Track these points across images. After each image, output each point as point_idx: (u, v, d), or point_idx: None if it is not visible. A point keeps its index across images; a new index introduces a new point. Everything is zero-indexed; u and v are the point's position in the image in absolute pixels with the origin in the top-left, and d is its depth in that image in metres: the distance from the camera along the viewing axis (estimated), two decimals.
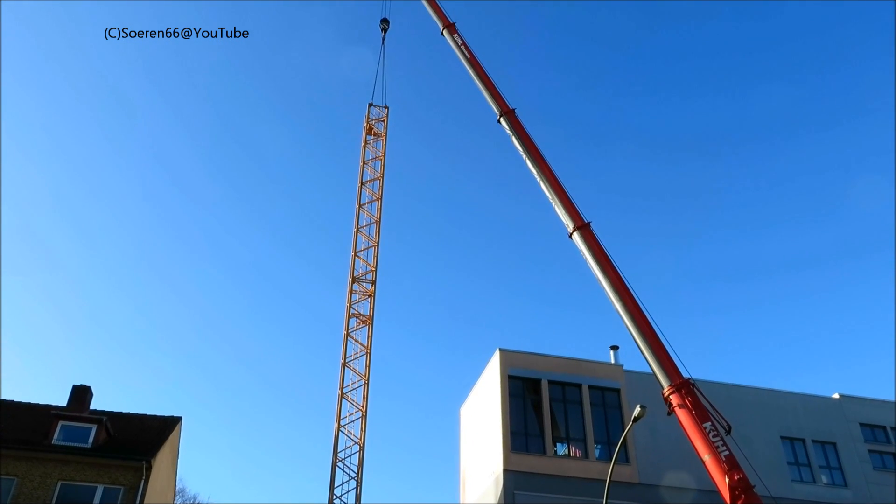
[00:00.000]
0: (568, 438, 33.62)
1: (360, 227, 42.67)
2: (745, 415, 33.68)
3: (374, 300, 41.11)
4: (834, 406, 37.45)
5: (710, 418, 23.50)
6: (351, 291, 40.82)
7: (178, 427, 34.64)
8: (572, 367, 34.96)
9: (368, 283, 41.38)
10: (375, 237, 42.55)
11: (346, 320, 40.04)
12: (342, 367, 38.89)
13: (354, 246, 42.01)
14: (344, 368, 38.82)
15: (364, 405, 38.12)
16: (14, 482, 26.85)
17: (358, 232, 42.46)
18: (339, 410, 37.72)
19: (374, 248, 42.29)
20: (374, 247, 42.32)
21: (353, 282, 41.09)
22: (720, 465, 22.37)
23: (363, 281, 41.37)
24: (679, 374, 24.48)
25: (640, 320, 25.34)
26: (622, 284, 26.06)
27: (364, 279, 41.43)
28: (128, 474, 27.90)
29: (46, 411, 30.66)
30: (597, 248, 26.82)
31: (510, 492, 30.86)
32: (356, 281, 41.17)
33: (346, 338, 39.67)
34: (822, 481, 35.02)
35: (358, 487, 36.53)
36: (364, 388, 38.62)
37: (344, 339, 39.64)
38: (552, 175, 27.17)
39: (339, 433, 37.21)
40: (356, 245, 42.09)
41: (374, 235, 42.61)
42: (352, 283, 41.03)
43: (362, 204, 43.10)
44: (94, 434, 29.14)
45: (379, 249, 42.26)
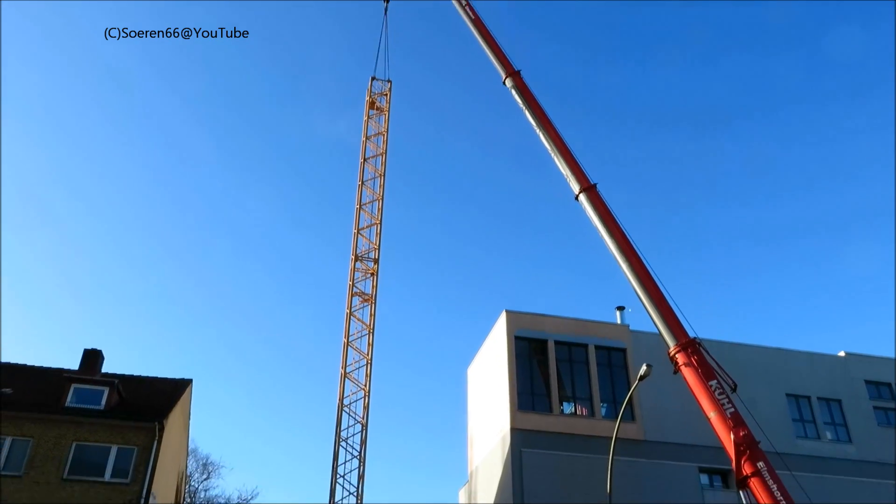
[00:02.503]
0: (574, 398, 33.95)
1: (363, 204, 42.04)
2: (751, 373, 33.89)
3: (377, 278, 40.57)
4: (839, 364, 37.64)
5: (715, 377, 23.67)
6: (353, 269, 40.39)
7: (189, 389, 35.10)
8: (578, 327, 35.14)
9: (371, 261, 41.03)
10: (378, 215, 41.97)
11: (349, 299, 39.84)
12: (344, 347, 38.97)
13: (357, 223, 41.47)
14: (346, 348, 38.96)
15: (367, 384, 38.27)
16: (30, 443, 27.37)
17: (360, 209, 41.84)
18: (341, 389, 37.93)
19: (376, 226, 41.74)
20: (376, 224, 41.79)
21: (355, 260, 40.67)
22: (725, 423, 22.60)
23: (366, 259, 41.05)
24: (685, 333, 24.61)
25: (646, 281, 25.40)
26: (628, 245, 26.06)
27: (366, 257, 41.08)
28: (141, 435, 28.37)
29: (59, 375, 31.07)
30: (603, 210, 26.76)
31: (517, 450, 31.30)
32: (359, 259, 40.82)
33: (348, 317, 39.60)
34: (827, 437, 35.37)
35: (363, 431, 36.96)
36: (367, 366, 38.72)
37: (346, 318, 39.55)
38: (558, 136, 26.98)
39: (341, 413, 37.40)
40: (358, 222, 41.51)
41: (377, 213, 42.04)
42: (354, 262, 40.59)
43: (364, 181, 42.54)
44: (106, 396, 29.57)
45: (382, 227, 41.76)
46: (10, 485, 26.42)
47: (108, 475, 27.53)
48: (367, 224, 41.78)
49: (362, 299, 40.06)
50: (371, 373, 38.48)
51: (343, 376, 38.14)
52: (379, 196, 42.31)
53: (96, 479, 27.30)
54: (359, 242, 41.31)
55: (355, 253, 40.90)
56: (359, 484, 36.27)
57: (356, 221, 41.56)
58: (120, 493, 27.17)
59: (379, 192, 42.40)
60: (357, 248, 41.13)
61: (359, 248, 41.19)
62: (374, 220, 41.91)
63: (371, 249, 41.27)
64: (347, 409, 37.58)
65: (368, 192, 42.23)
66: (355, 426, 37.33)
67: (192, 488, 50.26)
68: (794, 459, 30.46)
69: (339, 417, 37.25)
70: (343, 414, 37.36)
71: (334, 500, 35.60)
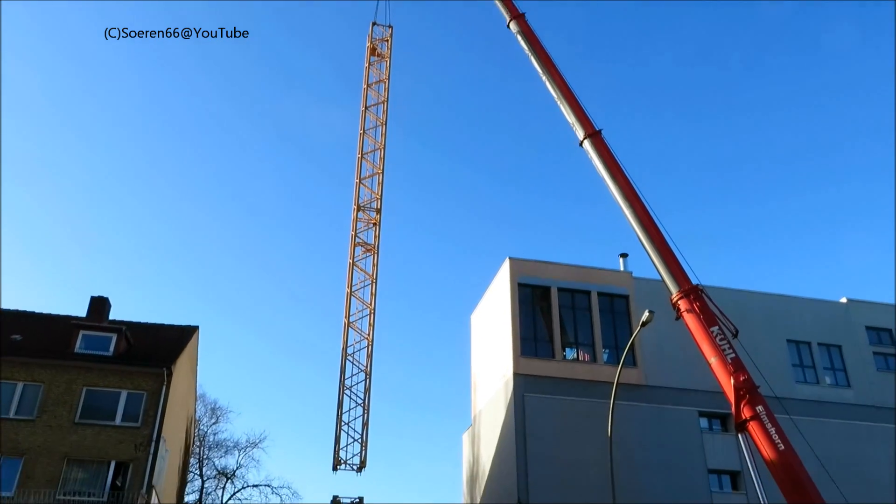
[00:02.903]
0: (576, 343, 34.30)
1: (365, 153, 41.45)
2: (753, 319, 34.12)
3: (380, 229, 40.27)
4: (841, 310, 37.86)
5: (717, 323, 23.84)
6: (356, 220, 40.08)
7: (196, 336, 35.50)
8: (581, 274, 35.28)
9: (373, 211, 40.70)
10: (380, 164, 41.35)
11: (351, 249, 39.74)
12: (347, 297, 39.10)
13: (358, 173, 40.93)
14: (349, 298, 39.10)
15: (370, 333, 38.53)
16: (41, 388, 27.85)
17: (362, 158, 41.26)
18: (344, 338, 38.22)
19: (378, 176, 41.19)
20: (378, 174, 41.22)
21: (357, 210, 40.32)
22: (726, 368, 22.86)
23: (368, 209, 40.71)
24: (688, 280, 24.70)
25: (650, 227, 25.37)
26: (632, 191, 25.95)
27: (369, 207, 40.75)
28: (149, 380, 28.83)
29: (66, 322, 31.41)
30: (607, 156, 26.57)
31: (520, 394, 31.77)
32: (361, 209, 40.50)
33: (350, 267, 39.58)
34: (826, 382, 35.81)
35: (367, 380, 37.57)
36: (370, 316, 38.94)
37: (349, 269, 39.51)
38: (563, 82, 26.61)
39: (345, 363, 37.77)
40: (360, 172, 40.96)
41: (379, 162, 41.42)
42: (356, 212, 40.25)
43: (366, 130, 41.83)
44: (114, 343, 29.96)
45: (384, 177, 41.30)
46: (23, 428, 26.99)
47: (118, 419, 28.09)
48: (368, 174, 41.28)
49: (364, 249, 40.01)
50: (374, 322, 38.80)
51: (346, 326, 38.44)
52: (381, 145, 41.63)
53: (107, 422, 27.87)
54: (361, 192, 40.92)
55: (357, 203, 40.52)
56: (363, 431, 36.94)
57: (358, 171, 41.01)
58: (131, 436, 27.76)
59: (381, 140, 41.70)
60: (359, 198, 40.78)
61: (361, 198, 40.76)
62: (376, 169, 41.40)
63: (373, 199, 40.92)
64: (351, 358, 38.00)
65: (370, 142, 41.61)
66: (359, 374, 37.82)
67: (201, 432, 51.26)
68: (792, 404, 30.89)
69: (343, 366, 37.74)
70: (347, 363, 37.83)
71: (339, 447, 36.33)
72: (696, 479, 31.45)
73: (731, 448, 30.97)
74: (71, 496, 26.27)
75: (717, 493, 31.71)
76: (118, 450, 27.44)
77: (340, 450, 36.30)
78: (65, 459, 26.86)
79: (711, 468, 32.16)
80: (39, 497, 25.76)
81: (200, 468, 52.68)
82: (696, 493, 31.08)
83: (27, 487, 25.89)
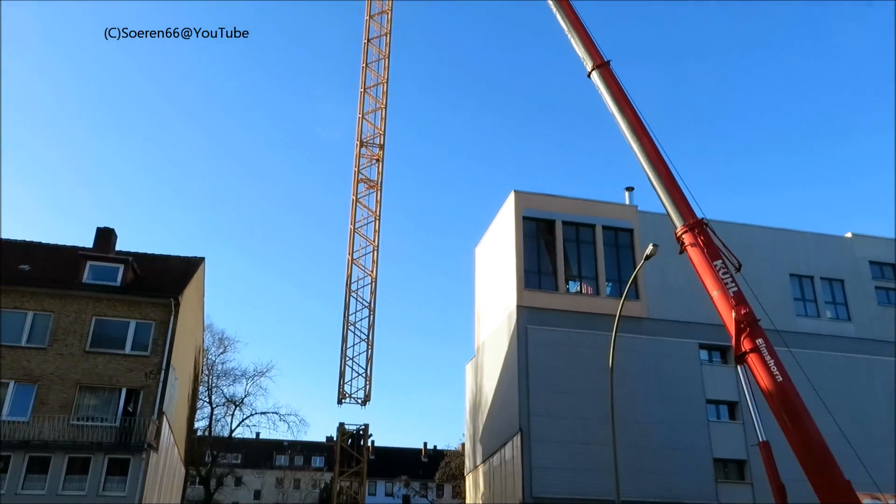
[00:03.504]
0: (580, 277, 34.49)
1: (367, 87, 40.64)
2: (756, 254, 34.18)
3: (383, 165, 39.95)
4: (845, 245, 37.84)
5: (720, 256, 23.91)
6: (358, 156, 39.70)
7: (202, 267, 35.78)
8: (586, 208, 35.19)
9: (376, 146, 40.23)
10: (383, 99, 40.64)
11: (354, 185, 39.45)
12: (351, 234, 39.03)
13: (361, 107, 40.30)
14: (353, 235, 39.04)
15: (373, 269, 38.69)
16: (51, 317, 28.28)
17: (365, 93, 40.50)
18: (348, 274, 38.41)
19: (381, 111, 40.54)
20: (381, 109, 40.55)
21: (360, 146, 39.89)
22: (728, 301, 23.04)
23: (371, 145, 40.20)
24: (693, 213, 24.66)
25: (656, 160, 25.21)
26: (639, 124, 25.69)
27: (371, 143, 40.26)
28: (157, 310, 29.22)
29: (73, 252, 31.61)
30: (615, 87, 26.20)
31: (523, 326, 32.15)
32: (363, 145, 40.02)
33: (353, 203, 39.35)
34: (827, 316, 36.10)
35: (371, 315, 38.11)
36: (373, 253, 39.01)
37: (352, 205, 39.38)
38: (572, 11, 26.00)
39: (348, 299, 38.03)
40: (363, 107, 40.32)
41: (382, 97, 40.67)
42: (359, 147, 39.77)
43: (368, 63, 40.95)
44: (121, 273, 30.22)
45: (387, 112, 40.66)
46: (36, 356, 27.53)
47: (128, 348, 28.61)
48: (371, 108, 40.66)
49: (368, 186, 39.77)
50: (378, 259, 38.99)
51: (350, 262, 38.63)
52: (384, 79, 40.84)
53: (117, 351, 28.40)
54: (363, 127, 40.39)
55: (360, 138, 40.06)
56: (367, 366, 37.62)
57: (360, 105, 40.38)
58: (141, 364, 28.33)
59: (383, 74, 40.91)
60: (362, 134, 40.27)
61: (363, 134, 40.28)
62: (378, 104, 40.72)
63: (376, 135, 40.43)
64: (355, 295, 38.36)
65: (373, 75, 40.83)
66: (363, 311, 38.26)
67: (209, 361, 52.27)
68: (793, 337, 31.25)
69: (347, 302, 38.11)
70: (351, 299, 38.19)
71: (344, 381, 37.04)
72: (695, 409, 32.10)
73: (730, 379, 31.49)
74: (84, 421, 27.00)
75: (715, 423, 32.41)
76: (129, 377, 28.05)
77: (345, 384, 37.06)
78: (77, 386, 27.50)
79: (710, 399, 32.77)
80: (54, 422, 26.48)
81: (209, 396, 53.99)
82: (694, 422, 31.78)
83: (42, 413, 26.60)
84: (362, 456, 36.68)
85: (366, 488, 37.93)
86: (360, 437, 37.19)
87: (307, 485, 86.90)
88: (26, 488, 25.76)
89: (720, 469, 31.81)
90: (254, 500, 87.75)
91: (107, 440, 26.72)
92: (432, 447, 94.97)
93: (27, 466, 26.03)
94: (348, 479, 37.38)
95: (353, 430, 37.03)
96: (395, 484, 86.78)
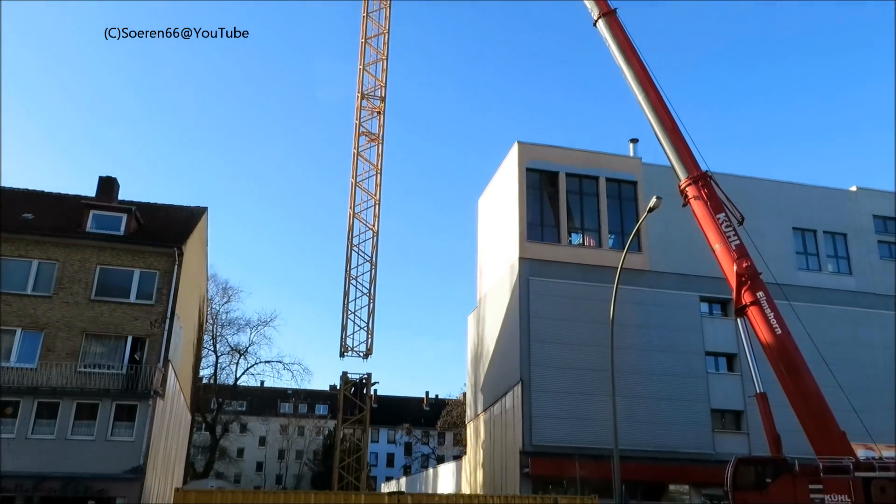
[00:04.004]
0: (583, 229, 34.50)
1: (368, 38, 39.83)
2: (760, 207, 34.09)
3: (384, 118, 39.38)
4: (850, 198, 37.69)
5: (724, 210, 23.93)
6: (359, 108, 39.09)
7: (205, 217, 35.78)
8: (590, 159, 34.99)
9: (377, 99, 39.63)
10: (384, 49, 39.83)
11: (355, 139, 39.00)
12: (352, 187, 38.80)
13: (362, 59, 39.53)
14: (354, 188, 38.81)
15: (375, 224, 38.57)
16: (56, 266, 28.41)
17: (366, 43, 39.70)
18: (350, 228, 38.33)
19: (383, 62, 39.78)
20: (383, 60, 39.78)
21: (361, 98, 39.29)
22: (730, 254, 23.15)
23: (372, 97, 39.61)
24: (697, 166, 24.59)
25: (662, 112, 25.04)
26: (645, 74, 25.45)
27: (373, 95, 39.70)
28: (161, 260, 29.33)
29: (76, 201, 31.56)
30: (621, 36, 25.89)
31: (525, 278, 32.30)
32: (364, 97, 39.42)
33: (355, 157, 38.98)
34: (828, 270, 36.18)
35: (373, 270, 38.25)
36: (375, 207, 38.83)
37: (353, 159, 39.01)
38: None
39: (350, 253, 38.02)
40: (364, 58, 39.56)
41: (383, 47, 39.86)
42: (360, 100, 39.19)
43: (370, 12, 40.14)
44: (124, 223, 30.24)
45: (388, 63, 39.94)
46: (41, 304, 27.77)
47: (133, 297, 28.80)
48: (372, 59, 39.94)
49: (369, 139, 39.38)
50: (379, 213, 38.86)
51: (351, 216, 38.55)
52: (385, 29, 40.03)
53: (122, 300, 28.60)
54: (364, 79, 39.79)
55: (361, 91, 39.52)
56: (368, 320, 37.88)
57: (361, 56, 39.64)
58: (146, 313, 28.56)
59: (385, 24, 40.08)
60: (363, 86, 39.68)
61: (364, 86, 39.72)
62: (380, 55, 40.00)
63: (377, 87, 39.81)
64: (357, 249, 38.37)
65: (374, 25, 40.02)
66: (365, 265, 38.35)
67: (213, 311, 52.78)
68: (794, 290, 31.43)
69: (349, 256, 38.18)
70: (353, 253, 38.24)
71: (346, 335, 37.38)
72: (694, 361, 32.44)
73: (730, 332, 31.75)
74: (91, 369, 27.36)
75: (713, 375, 32.79)
76: (134, 326, 28.32)
77: (347, 337, 37.41)
78: (83, 334, 27.79)
79: (709, 351, 33.09)
80: (62, 369, 26.86)
81: (214, 345, 54.68)
82: (693, 374, 32.15)
83: (49, 360, 26.95)
84: (365, 404, 37.27)
85: (368, 435, 38.65)
86: (364, 386, 37.75)
87: (311, 432, 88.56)
88: (36, 433, 26.26)
89: (717, 419, 32.31)
90: (259, 446, 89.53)
91: (114, 387, 27.12)
92: (434, 396, 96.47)
93: (36, 412, 26.50)
94: (351, 427, 38.06)
95: (356, 378, 37.57)
96: (397, 432, 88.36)
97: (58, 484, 25.32)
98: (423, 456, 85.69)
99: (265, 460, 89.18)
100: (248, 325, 57.61)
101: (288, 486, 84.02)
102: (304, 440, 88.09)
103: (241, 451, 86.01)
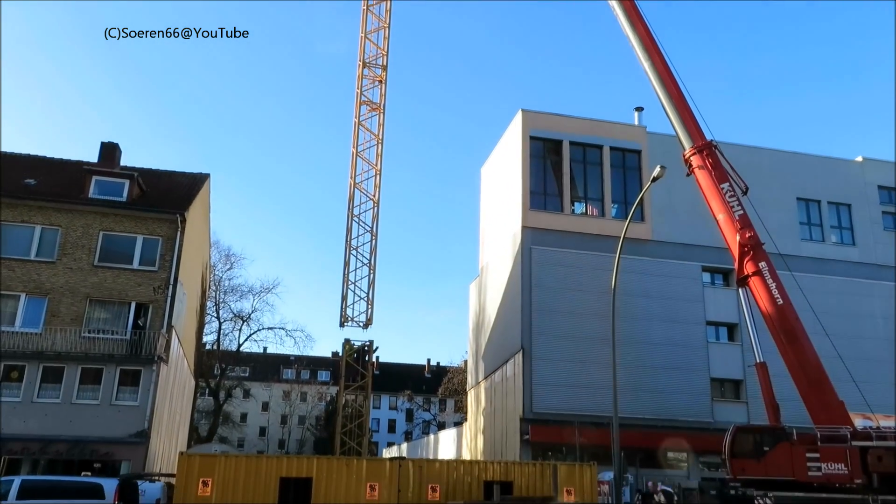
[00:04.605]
0: (586, 198, 34.40)
1: (370, 5, 39.25)
2: (764, 177, 33.92)
3: (386, 87, 38.96)
4: (855, 169, 37.48)
5: (728, 179, 23.83)
6: (360, 77, 38.70)
7: (207, 183, 35.70)
8: (594, 128, 34.76)
9: (379, 67, 39.17)
10: (386, 17, 39.28)
11: (356, 108, 38.61)
12: (353, 157, 38.56)
13: (363, 26, 38.98)
14: (355, 158, 38.59)
15: (376, 194, 38.41)
16: (58, 232, 28.45)
17: (368, 10, 39.13)
18: (350, 198, 38.17)
19: (384, 30, 39.26)
20: (384, 28, 39.26)
21: (362, 66, 38.85)
22: (733, 224, 23.10)
23: (373, 66, 39.13)
24: (702, 135, 24.43)
25: (668, 80, 24.85)
26: (651, 41, 25.21)
27: (374, 63, 39.21)
28: (164, 226, 29.35)
29: (78, 167, 31.49)
30: (628, 2, 25.64)
31: (527, 247, 32.30)
32: (366, 66, 38.95)
33: (356, 126, 38.59)
34: (831, 240, 36.13)
35: (373, 240, 38.25)
36: (376, 177, 38.63)
37: (354, 128, 38.66)
38: None
39: (350, 223, 37.92)
40: (365, 26, 39.00)
41: (385, 15, 39.29)
42: (361, 69, 38.76)
43: None
44: (127, 189, 30.20)
45: (391, 31, 39.43)
46: (45, 269, 27.87)
47: (136, 263, 28.88)
48: (374, 27, 39.40)
49: (370, 108, 39.02)
50: (380, 183, 38.72)
51: (352, 186, 38.41)
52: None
53: (125, 266, 28.69)
54: (366, 47, 39.34)
55: (362, 59, 39.06)
56: (369, 290, 37.98)
57: (363, 24, 39.08)
58: (149, 279, 28.67)
59: None
60: (364, 54, 39.23)
61: (366, 54, 39.26)
62: (382, 23, 39.44)
63: (379, 55, 39.32)
64: (357, 219, 38.30)
65: None
66: (365, 235, 38.31)
67: (216, 277, 52.89)
68: (797, 261, 31.45)
69: (350, 226, 38.13)
70: (353, 223, 38.17)
71: (346, 305, 37.50)
72: (695, 330, 32.58)
73: (731, 302, 31.84)
74: (96, 334, 27.55)
75: (714, 344, 32.95)
76: (137, 292, 28.44)
77: (347, 307, 37.54)
78: (87, 299, 27.93)
79: (710, 320, 33.22)
80: (66, 334, 27.05)
81: (217, 311, 54.92)
82: (694, 343, 32.32)
83: (53, 325, 27.13)
84: (367, 371, 37.56)
85: (370, 402, 39.03)
86: (366, 353, 38.02)
87: (313, 397, 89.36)
88: (41, 397, 26.55)
89: (717, 388, 32.55)
90: (262, 411, 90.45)
91: (118, 352, 27.34)
92: (435, 364, 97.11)
93: (42, 376, 26.76)
94: (353, 393, 38.42)
95: (358, 345, 37.81)
96: (398, 398, 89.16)
97: (64, 447, 25.69)
98: (424, 422, 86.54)
99: (268, 425, 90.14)
100: (250, 291, 57.87)
101: (291, 450, 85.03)
102: (307, 406, 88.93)
103: (245, 416, 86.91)
